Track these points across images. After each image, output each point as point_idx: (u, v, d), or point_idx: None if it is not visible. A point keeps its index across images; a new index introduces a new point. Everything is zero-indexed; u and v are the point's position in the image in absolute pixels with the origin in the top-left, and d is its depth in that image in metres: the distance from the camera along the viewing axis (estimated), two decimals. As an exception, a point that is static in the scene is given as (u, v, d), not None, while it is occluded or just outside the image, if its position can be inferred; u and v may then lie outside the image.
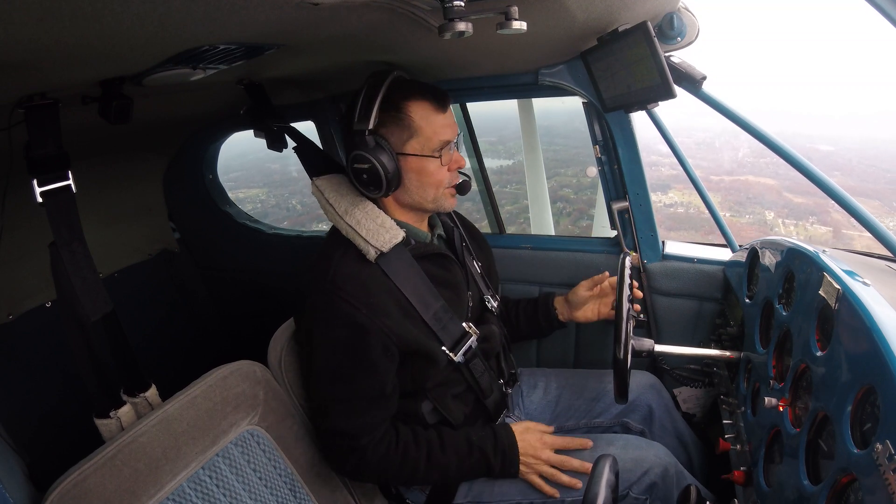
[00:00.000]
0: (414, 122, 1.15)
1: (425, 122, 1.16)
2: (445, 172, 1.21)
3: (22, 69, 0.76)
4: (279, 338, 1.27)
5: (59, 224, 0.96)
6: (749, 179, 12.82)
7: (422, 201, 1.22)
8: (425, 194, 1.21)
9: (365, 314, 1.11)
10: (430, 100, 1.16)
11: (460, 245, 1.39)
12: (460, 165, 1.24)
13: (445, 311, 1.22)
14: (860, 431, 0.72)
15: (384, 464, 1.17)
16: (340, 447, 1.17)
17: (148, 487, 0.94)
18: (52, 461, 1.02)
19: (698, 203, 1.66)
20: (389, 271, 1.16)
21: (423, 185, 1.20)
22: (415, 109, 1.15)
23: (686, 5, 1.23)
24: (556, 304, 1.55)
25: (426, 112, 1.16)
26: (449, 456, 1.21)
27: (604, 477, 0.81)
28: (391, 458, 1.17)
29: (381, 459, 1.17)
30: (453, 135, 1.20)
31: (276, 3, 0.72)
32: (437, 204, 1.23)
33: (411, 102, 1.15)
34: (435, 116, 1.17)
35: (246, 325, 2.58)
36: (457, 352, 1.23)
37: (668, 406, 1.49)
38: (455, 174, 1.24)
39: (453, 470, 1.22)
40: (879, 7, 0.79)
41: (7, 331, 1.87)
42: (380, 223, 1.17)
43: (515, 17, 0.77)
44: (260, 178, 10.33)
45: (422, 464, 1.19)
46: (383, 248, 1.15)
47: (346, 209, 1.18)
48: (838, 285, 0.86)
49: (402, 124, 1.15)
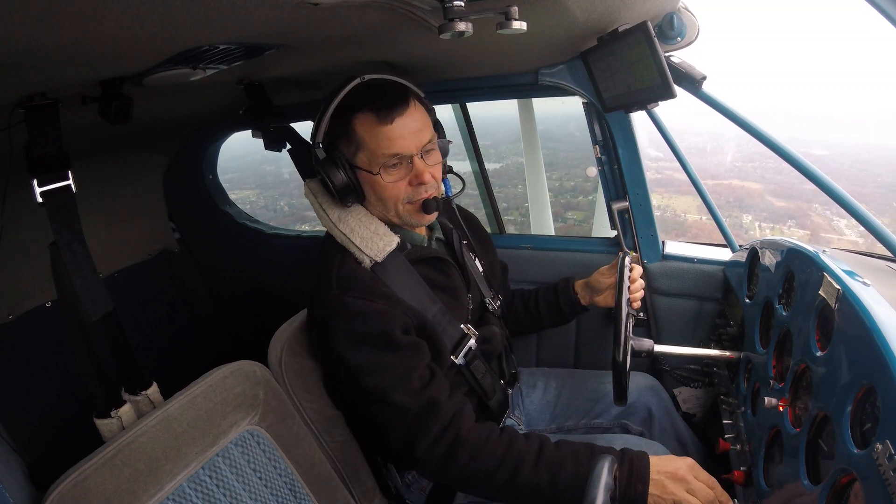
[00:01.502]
0: (357, 135, 1.11)
1: (368, 135, 1.10)
2: (401, 187, 1.14)
3: (22, 69, 0.76)
4: (279, 338, 1.27)
5: (60, 224, 0.96)
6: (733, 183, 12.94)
7: (386, 214, 1.19)
8: (386, 209, 1.18)
9: (381, 304, 1.10)
10: (373, 111, 1.09)
11: (460, 246, 1.38)
12: (421, 180, 1.13)
13: (444, 314, 1.22)
14: (860, 431, 0.72)
15: (486, 449, 1.04)
16: (427, 427, 1.05)
17: (148, 487, 0.94)
18: (52, 461, 1.02)
19: (675, 206, 1.67)
20: (386, 278, 1.15)
21: (381, 200, 1.16)
22: (359, 122, 1.11)
23: (686, 5, 1.23)
24: (578, 289, 1.53)
25: (369, 125, 1.10)
26: (564, 453, 1.04)
27: (602, 479, 0.81)
28: (494, 444, 1.04)
29: (483, 443, 1.04)
30: (406, 147, 1.11)
31: (276, 3, 0.72)
32: (403, 219, 1.19)
33: (356, 114, 1.11)
34: (379, 129, 1.09)
35: (246, 325, 2.58)
36: (457, 354, 1.23)
37: (668, 408, 1.48)
38: (417, 189, 1.14)
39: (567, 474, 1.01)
40: (879, 7, 0.79)
41: (7, 331, 1.87)
42: (373, 230, 1.16)
43: (515, 17, 0.77)
44: (254, 179, 10.45)
45: (530, 459, 1.02)
46: (377, 257, 1.14)
47: (339, 216, 1.17)
48: (838, 285, 0.86)
49: (349, 137, 1.13)
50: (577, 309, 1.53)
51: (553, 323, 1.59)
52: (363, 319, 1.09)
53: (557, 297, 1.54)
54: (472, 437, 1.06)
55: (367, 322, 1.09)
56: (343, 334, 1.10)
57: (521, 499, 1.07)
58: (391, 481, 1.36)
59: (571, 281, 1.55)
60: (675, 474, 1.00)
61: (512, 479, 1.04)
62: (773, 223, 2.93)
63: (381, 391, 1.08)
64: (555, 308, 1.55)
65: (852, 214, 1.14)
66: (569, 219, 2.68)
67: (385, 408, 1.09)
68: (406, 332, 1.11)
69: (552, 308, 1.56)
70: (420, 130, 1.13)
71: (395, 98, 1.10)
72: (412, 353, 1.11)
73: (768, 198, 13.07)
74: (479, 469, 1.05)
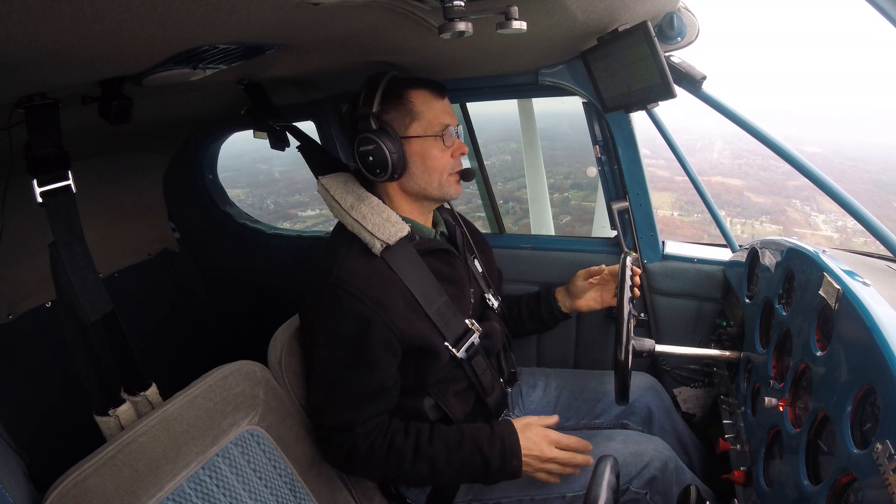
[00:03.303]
0: (415, 107, 1.20)
1: (426, 106, 1.21)
2: (448, 157, 1.24)
3: (22, 69, 0.76)
4: (279, 338, 1.27)
5: (59, 224, 0.96)
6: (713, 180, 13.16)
7: (427, 187, 1.24)
8: (430, 179, 1.23)
9: (370, 307, 1.11)
10: (428, 87, 1.23)
11: (462, 242, 1.40)
12: (463, 151, 1.27)
13: (448, 307, 1.23)
14: (860, 431, 0.72)
15: (373, 455, 1.14)
16: (334, 440, 1.16)
17: (148, 487, 0.94)
18: (52, 461, 1.02)
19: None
20: (394, 265, 1.17)
21: (428, 170, 1.22)
22: (415, 95, 1.21)
23: (686, 5, 1.23)
24: (558, 296, 1.55)
25: (426, 97, 1.22)
26: (436, 446, 1.15)
27: (605, 478, 0.81)
28: (378, 447, 1.15)
29: (370, 449, 1.14)
30: (454, 121, 1.25)
31: (276, 3, 0.72)
32: (443, 191, 1.25)
33: (411, 90, 1.21)
34: (434, 101, 1.23)
35: (246, 325, 2.58)
36: (459, 348, 1.23)
37: (668, 407, 1.48)
38: (458, 161, 1.26)
39: (442, 463, 1.14)
40: (879, 7, 0.79)
41: (7, 331, 1.87)
42: (385, 217, 1.18)
43: (515, 17, 0.77)
44: (246, 178, 10.62)
45: (408, 454, 1.14)
46: (389, 240, 1.16)
47: (352, 204, 1.20)
48: (838, 285, 0.86)
49: (404, 109, 1.20)
50: (559, 316, 1.56)
51: (535, 330, 1.62)
52: (347, 321, 1.12)
53: (539, 305, 1.57)
54: (364, 447, 1.15)
55: (350, 325, 1.12)
56: (324, 325, 1.15)
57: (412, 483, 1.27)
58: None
59: (553, 289, 1.58)
60: (541, 455, 1.16)
61: (399, 472, 1.16)
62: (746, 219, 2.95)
63: (325, 386, 1.17)
64: (536, 315, 1.58)
65: (850, 212, 1.14)
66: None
67: (321, 400, 1.19)
68: (387, 346, 1.13)
69: (533, 315, 1.58)
70: (455, 114, 1.28)
71: (439, 81, 1.26)
72: (373, 372, 1.14)
73: (747, 194, 13.40)
74: (372, 470, 1.19)
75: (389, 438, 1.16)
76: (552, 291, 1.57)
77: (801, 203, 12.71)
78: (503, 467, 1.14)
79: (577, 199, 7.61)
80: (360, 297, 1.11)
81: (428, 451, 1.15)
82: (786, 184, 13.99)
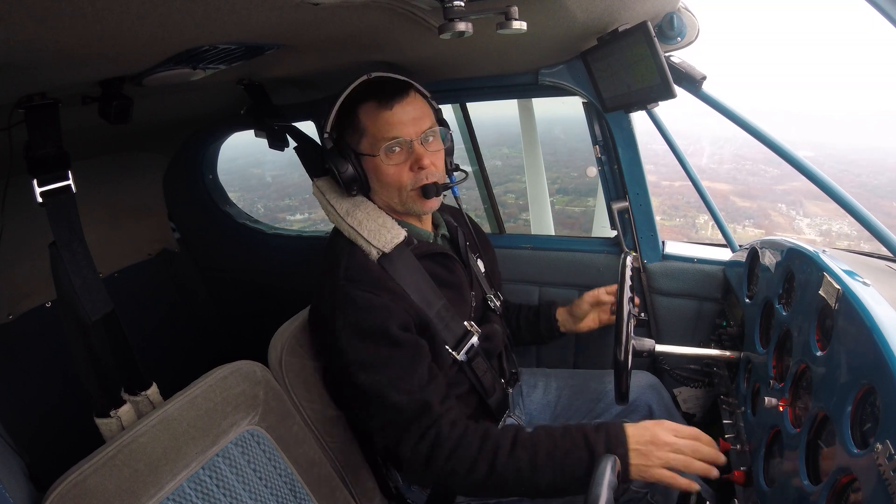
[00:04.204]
0: (361, 123, 1.16)
1: (370, 121, 1.15)
2: (404, 172, 1.16)
3: (22, 69, 0.76)
4: (279, 338, 1.27)
5: (60, 224, 0.96)
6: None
7: (390, 202, 1.22)
8: (390, 196, 1.20)
9: (386, 298, 1.11)
10: (374, 98, 1.14)
11: (464, 245, 1.39)
12: (420, 165, 1.15)
13: (447, 310, 1.22)
14: (860, 431, 0.72)
15: (464, 442, 1.04)
16: (412, 429, 1.05)
17: (148, 487, 0.94)
18: (52, 461, 1.02)
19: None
20: (392, 271, 1.16)
21: (384, 186, 1.19)
22: (362, 110, 1.16)
23: (686, 5, 1.23)
24: (559, 316, 1.56)
25: (370, 111, 1.15)
26: (538, 435, 1.04)
27: (606, 477, 0.81)
28: (471, 435, 1.05)
29: (461, 436, 1.05)
30: (405, 132, 1.14)
31: (276, 3, 0.72)
32: (406, 207, 1.20)
33: (361, 105, 1.16)
34: (379, 114, 1.14)
35: (246, 325, 2.58)
36: (459, 350, 1.23)
37: (669, 406, 1.48)
38: (421, 175, 1.16)
39: (543, 453, 1.01)
40: (879, 7, 0.79)
41: (7, 331, 1.88)
42: (381, 223, 1.18)
43: (515, 17, 0.77)
44: (239, 182, 10.79)
45: (506, 443, 1.03)
46: (385, 248, 1.16)
47: (348, 210, 1.20)
48: (838, 285, 0.86)
49: (353, 126, 1.18)
50: (556, 334, 1.57)
51: (531, 342, 1.63)
52: (367, 312, 1.09)
53: (538, 320, 1.58)
54: (453, 434, 1.06)
55: (372, 316, 1.09)
56: (347, 326, 1.10)
57: (502, 488, 1.06)
58: (391, 481, 1.36)
59: (554, 306, 1.58)
60: (654, 440, 0.99)
61: (491, 467, 1.03)
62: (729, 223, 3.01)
63: (377, 388, 1.07)
64: (534, 330, 1.59)
65: (850, 213, 1.14)
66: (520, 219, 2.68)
67: (379, 406, 1.08)
68: (406, 329, 1.11)
69: (532, 329, 1.59)
70: (419, 118, 1.16)
71: (395, 87, 1.16)
72: (413, 351, 1.11)
73: (732, 198, 13.75)
74: (459, 464, 1.05)
75: (483, 429, 1.07)
76: (553, 309, 1.57)
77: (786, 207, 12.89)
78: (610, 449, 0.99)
79: (562, 203, 7.89)
80: (374, 290, 1.11)
81: (530, 440, 1.03)
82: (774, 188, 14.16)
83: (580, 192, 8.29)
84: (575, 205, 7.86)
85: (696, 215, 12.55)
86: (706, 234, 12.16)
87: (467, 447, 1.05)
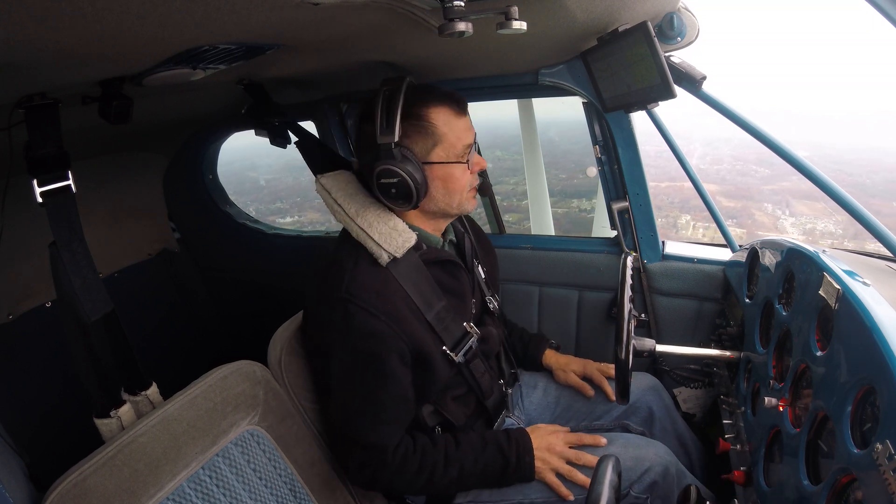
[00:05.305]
0: (437, 130, 1.13)
1: (448, 128, 1.14)
2: (468, 176, 1.20)
3: (22, 69, 0.76)
4: (279, 338, 1.27)
5: (60, 224, 0.96)
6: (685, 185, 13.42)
7: (446, 207, 1.21)
8: (451, 200, 1.19)
9: (384, 321, 1.09)
10: (450, 105, 1.14)
11: (471, 251, 1.39)
12: (482, 167, 1.23)
13: (447, 312, 1.22)
14: (860, 431, 0.72)
15: (405, 467, 1.15)
16: (361, 458, 1.15)
17: (148, 487, 0.94)
18: (52, 461, 1.01)
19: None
20: (397, 274, 1.15)
21: (449, 192, 1.18)
22: (436, 116, 1.13)
23: (686, 5, 1.23)
24: (547, 359, 1.56)
25: (448, 118, 1.14)
26: (464, 450, 1.20)
27: (607, 477, 0.81)
28: (410, 461, 1.16)
29: (401, 463, 1.15)
30: (473, 137, 1.20)
31: (276, 3, 0.72)
32: (461, 208, 1.23)
33: (432, 109, 1.13)
34: (456, 121, 1.15)
35: (246, 325, 2.58)
36: (457, 352, 1.23)
37: (669, 407, 1.48)
38: (475, 176, 1.23)
39: (469, 466, 1.19)
40: (879, 7, 0.79)
41: (7, 331, 1.88)
42: (392, 226, 1.15)
43: (515, 17, 0.77)
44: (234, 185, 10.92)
45: (440, 463, 1.17)
46: (396, 253, 1.13)
47: (357, 211, 1.16)
48: (838, 285, 0.86)
49: (426, 132, 1.13)
50: (537, 367, 1.59)
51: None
52: (362, 338, 1.09)
53: (526, 350, 1.59)
54: (394, 462, 1.15)
55: (366, 342, 1.09)
56: (340, 342, 1.11)
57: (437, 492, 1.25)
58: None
59: (544, 345, 1.59)
60: (550, 448, 1.22)
61: (429, 481, 1.18)
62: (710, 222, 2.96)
63: (348, 407, 1.15)
64: (518, 358, 1.60)
65: (848, 211, 1.14)
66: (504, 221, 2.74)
67: (343, 422, 1.16)
68: (401, 358, 1.12)
69: (516, 355, 1.60)
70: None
71: (458, 94, 1.18)
72: (393, 390, 1.13)
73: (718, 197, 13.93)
74: (401, 482, 1.18)
75: (420, 450, 1.18)
76: (542, 348, 1.58)
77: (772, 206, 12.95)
78: (518, 465, 1.20)
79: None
80: (374, 311, 1.09)
81: (457, 456, 1.19)
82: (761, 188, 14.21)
83: (565, 194, 8.35)
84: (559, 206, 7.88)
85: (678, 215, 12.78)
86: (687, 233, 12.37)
87: (408, 471, 1.16)
